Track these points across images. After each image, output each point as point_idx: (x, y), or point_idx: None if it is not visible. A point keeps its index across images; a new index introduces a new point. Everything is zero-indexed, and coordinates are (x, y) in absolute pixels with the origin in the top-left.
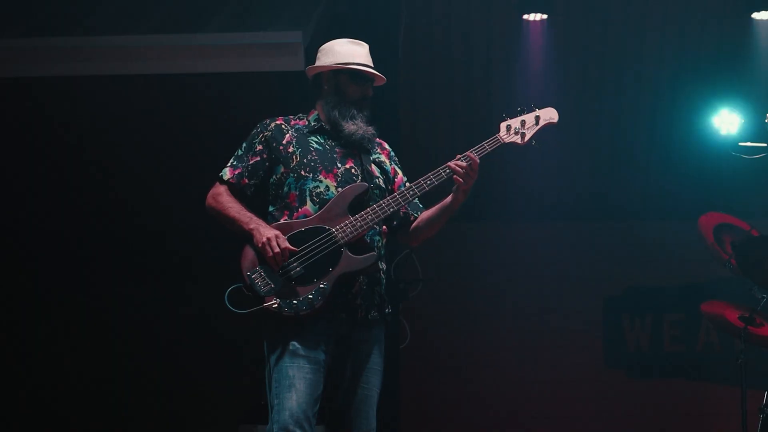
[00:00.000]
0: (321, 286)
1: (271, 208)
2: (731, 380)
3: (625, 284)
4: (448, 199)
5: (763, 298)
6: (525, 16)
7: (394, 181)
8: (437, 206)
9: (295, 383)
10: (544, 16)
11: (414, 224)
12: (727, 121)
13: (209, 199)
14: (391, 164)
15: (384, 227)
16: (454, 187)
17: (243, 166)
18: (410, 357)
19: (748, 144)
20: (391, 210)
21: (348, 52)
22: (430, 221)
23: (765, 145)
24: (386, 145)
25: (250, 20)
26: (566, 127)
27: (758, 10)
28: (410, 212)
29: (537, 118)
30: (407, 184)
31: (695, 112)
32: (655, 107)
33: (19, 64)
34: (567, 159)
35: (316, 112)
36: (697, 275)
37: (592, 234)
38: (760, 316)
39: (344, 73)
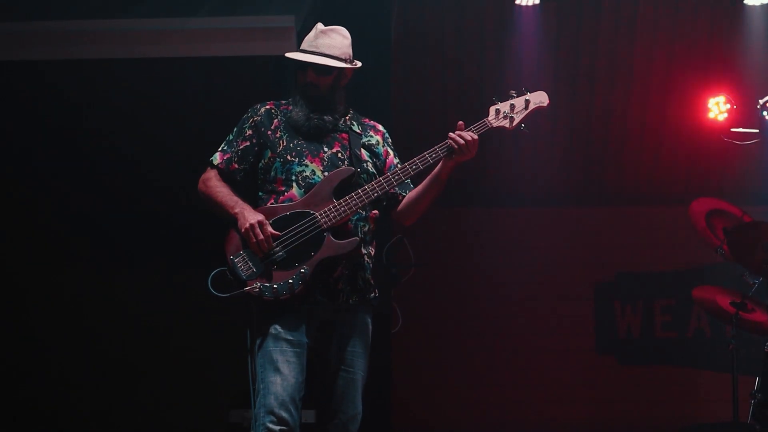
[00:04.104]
0: (302, 270)
1: (260, 193)
2: (722, 366)
3: (616, 270)
4: (437, 168)
5: (755, 283)
6: (517, 2)
7: (385, 163)
8: (425, 180)
9: (279, 366)
10: (537, 2)
11: (403, 202)
12: (719, 107)
13: (200, 184)
14: (384, 146)
15: (373, 212)
16: (445, 156)
17: (232, 151)
18: (401, 342)
19: (740, 130)
20: (376, 195)
21: (305, 41)
22: (417, 196)
23: (757, 131)
24: (380, 127)
25: (242, 5)
26: (558, 112)
27: None
28: (399, 192)
29: (527, 102)
30: (399, 165)
31: (687, 97)
32: (647, 93)
33: (9, 48)
34: (559, 145)
35: None
36: (688, 261)
37: (583, 220)
38: (752, 302)
39: (295, 64)
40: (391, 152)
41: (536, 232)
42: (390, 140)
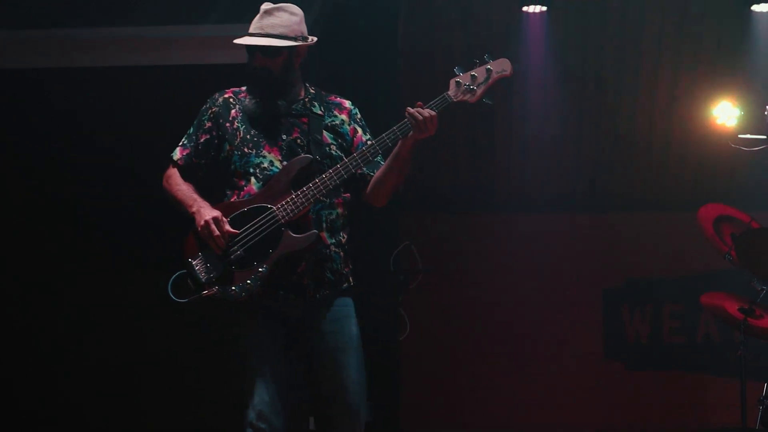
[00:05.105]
0: (260, 270)
1: (225, 189)
2: (731, 372)
3: (625, 276)
4: (396, 147)
5: (763, 290)
6: (525, 9)
7: (353, 142)
8: (387, 160)
9: (255, 375)
10: (544, 9)
11: (370, 183)
12: (726, 113)
13: (163, 182)
14: (350, 124)
15: (341, 198)
16: (402, 135)
17: (192, 146)
18: (410, 349)
19: (748, 136)
20: (334, 183)
21: (252, 23)
22: (382, 176)
23: (765, 137)
24: (347, 104)
25: (249, 12)
26: (566, 119)
27: (758, 3)
28: (366, 172)
29: (489, 71)
30: (369, 141)
31: (694, 104)
32: (654, 99)
33: (15, 56)
34: (567, 151)
35: None
36: (696, 267)
37: (592, 225)
38: (760, 308)
39: (247, 49)
40: (359, 129)
41: (544, 238)
42: (359, 116)
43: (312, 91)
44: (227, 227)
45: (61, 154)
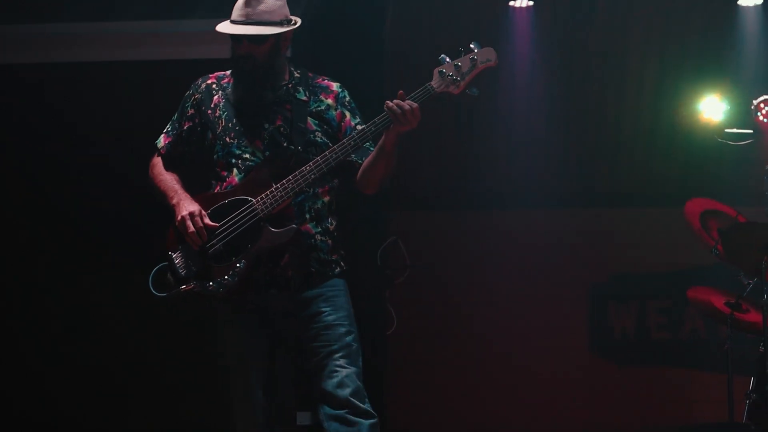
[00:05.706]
0: (237, 265)
1: (210, 178)
2: (717, 367)
3: (611, 271)
4: (381, 140)
5: (750, 284)
6: (511, 3)
7: (340, 128)
8: (373, 151)
9: (240, 373)
10: (530, 3)
11: (360, 170)
12: (713, 108)
13: (148, 171)
14: (337, 109)
15: (327, 185)
16: (385, 128)
17: (175, 134)
18: (396, 344)
19: (734, 130)
20: (313, 176)
21: (234, 9)
22: (369, 167)
23: (751, 131)
24: (335, 87)
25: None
26: (552, 114)
27: None
28: (355, 159)
29: (473, 61)
30: (358, 125)
31: (681, 98)
32: (640, 94)
33: (3, 51)
34: (553, 147)
35: None
36: (683, 261)
37: (578, 221)
38: (746, 302)
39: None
40: (347, 113)
41: (530, 234)
42: (347, 99)
43: (297, 74)
44: (206, 220)
45: (55, 152)
